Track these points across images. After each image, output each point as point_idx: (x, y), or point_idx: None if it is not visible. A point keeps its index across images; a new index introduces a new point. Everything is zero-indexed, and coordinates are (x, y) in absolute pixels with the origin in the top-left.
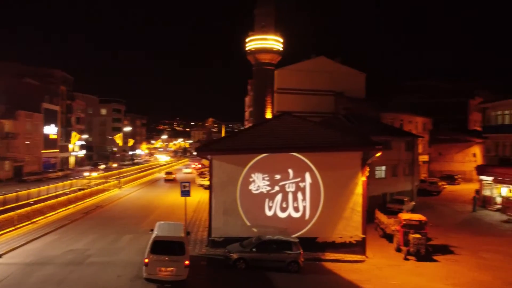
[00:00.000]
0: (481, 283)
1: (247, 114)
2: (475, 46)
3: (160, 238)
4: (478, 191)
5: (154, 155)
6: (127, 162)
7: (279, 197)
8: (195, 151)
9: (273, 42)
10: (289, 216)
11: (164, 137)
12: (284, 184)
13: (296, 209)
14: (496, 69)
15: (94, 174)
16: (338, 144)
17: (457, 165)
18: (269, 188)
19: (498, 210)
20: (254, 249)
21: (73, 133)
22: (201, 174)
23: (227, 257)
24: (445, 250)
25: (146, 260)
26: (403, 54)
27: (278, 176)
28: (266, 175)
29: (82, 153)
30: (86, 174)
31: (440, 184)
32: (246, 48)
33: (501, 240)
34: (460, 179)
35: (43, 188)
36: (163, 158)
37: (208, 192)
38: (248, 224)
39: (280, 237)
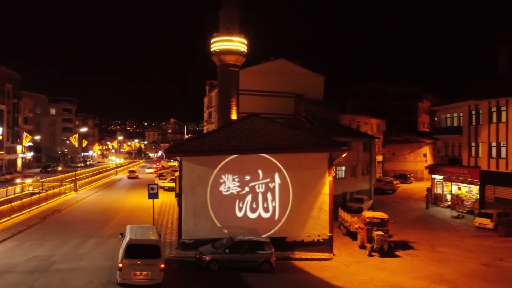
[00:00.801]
0: (441, 276)
1: (205, 115)
2: (418, 49)
3: (134, 241)
4: (429, 189)
5: (108, 157)
6: (79, 165)
7: (249, 197)
8: (165, 152)
9: (238, 43)
10: (259, 216)
11: (120, 138)
12: (254, 185)
13: (266, 210)
14: (438, 74)
15: (29, 181)
16: (306, 145)
17: (409, 164)
18: (239, 189)
19: (448, 206)
20: (226, 250)
21: (25, 134)
22: (161, 176)
23: (200, 259)
24: (405, 245)
25: (120, 265)
26: (349, 57)
27: (248, 177)
28: (236, 176)
29: (30, 155)
30: (18, 181)
31: (395, 183)
32: (211, 49)
33: (453, 235)
34: (413, 178)
35: None
36: (115, 160)
37: (173, 194)
38: (219, 225)
39: (252, 238)
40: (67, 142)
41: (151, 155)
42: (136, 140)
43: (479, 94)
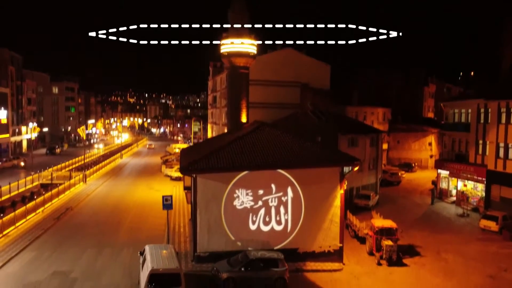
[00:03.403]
0: None
1: (210, 98)
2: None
3: (156, 271)
4: (435, 183)
5: (111, 132)
6: (82, 144)
7: (262, 211)
8: (180, 171)
9: (248, 45)
10: (272, 229)
11: (125, 124)
12: (267, 199)
13: (279, 222)
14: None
15: None
16: (319, 161)
17: (414, 153)
18: (252, 203)
19: (453, 202)
20: (242, 268)
21: (33, 126)
22: (167, 162)
23: (216, 276)
24: (411, 251)
25: None
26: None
27: (261, 192)
28: (249, 191)
29: (34, 135)
30: None
31: (400, 174)
32: (221, 51)
33: (459, 238)
34: (417, 166)
35: (5, 188)
36: (120, 139)
37: (181, 184)
38: (233, 238)
39: (265, 253)
40: (70, 119)
41: (153, 130)
42: (140, 120)
43: (488, 93)
